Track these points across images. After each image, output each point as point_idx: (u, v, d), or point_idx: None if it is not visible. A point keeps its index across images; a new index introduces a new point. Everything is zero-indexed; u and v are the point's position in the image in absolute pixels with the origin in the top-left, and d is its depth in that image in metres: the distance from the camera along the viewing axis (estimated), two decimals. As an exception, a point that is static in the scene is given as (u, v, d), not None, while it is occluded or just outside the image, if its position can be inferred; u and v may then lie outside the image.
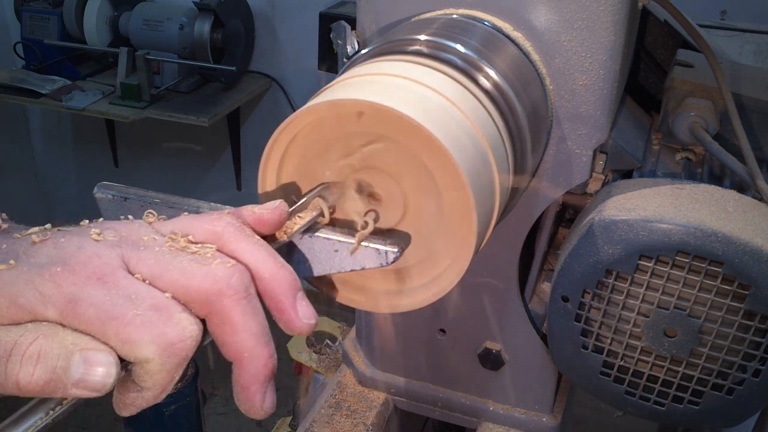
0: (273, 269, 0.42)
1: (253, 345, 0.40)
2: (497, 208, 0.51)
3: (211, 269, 0.39)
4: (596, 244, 0.64)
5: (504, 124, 0.54)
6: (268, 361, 0.41)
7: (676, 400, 0.69)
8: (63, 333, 0.36)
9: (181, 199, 0.49)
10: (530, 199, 0.71)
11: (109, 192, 0.49)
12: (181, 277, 0.39)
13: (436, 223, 0.48)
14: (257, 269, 0.41)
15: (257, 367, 0.40)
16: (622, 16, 0.62)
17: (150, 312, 0.37)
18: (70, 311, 0.36)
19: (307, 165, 0.50)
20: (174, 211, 0.48)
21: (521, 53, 0.62)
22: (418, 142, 0.45)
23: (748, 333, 0.63)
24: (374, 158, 0.48)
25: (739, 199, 0.65)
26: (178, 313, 0.38)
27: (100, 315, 0.36)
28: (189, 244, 0.41)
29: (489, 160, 0.49)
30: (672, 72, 0.80)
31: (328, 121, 0.47)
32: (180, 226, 0.42)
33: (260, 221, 0.44)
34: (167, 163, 3.20)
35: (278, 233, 0.45)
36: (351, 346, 0.95)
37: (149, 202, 0.48)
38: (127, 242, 0.40)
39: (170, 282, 0.39)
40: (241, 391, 0.41)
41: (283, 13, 2.72)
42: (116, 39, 2.63)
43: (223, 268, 0.39)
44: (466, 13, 0.64)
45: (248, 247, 0.42)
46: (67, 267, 0.37)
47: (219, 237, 0.42)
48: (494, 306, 0.80)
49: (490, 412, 0.87)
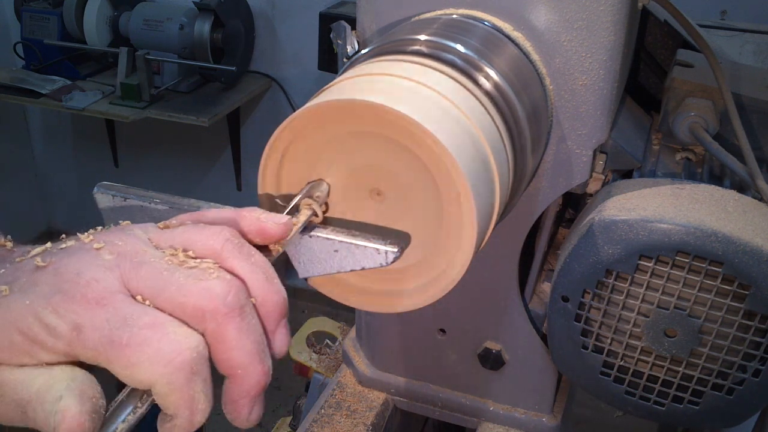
0: (267, 293, 0.42)
1: (247, 363, 0.40)
2: (497, 208, 0.51)
3: (207, 285, 0.39)
4: (596, 244, 0.64)
5: (504, 124, 0.54)
6: (261, 378, 0.41)
7: (676, 400, 0.69)
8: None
9: (181, 199, 0.49)
10: (530, 199, 0.71)
11: (108, 192, 0.49)
12: (177, 294, 0.39)
13: (435, 223, 0.48)
14: (251, 289, 0.41)
15: (249, 383, 0.40)
16: (622, 16, 0.62)
17: (144, 331, 0.37)
18: (76, 340, 0.37)
19: (308, 165, 0.50)
20: (174, 212, 0.48)
21: (521, 53, 0.62)
22: (418, 141, 0.45)
23: (748, 333, 0.63)
24: (374, 158, 0.48)
25: (739, 199, 0.65)
26: (173, 328, 0.38)
27: (102, 340, 0.37)
28: (188, 258, 0.41)
29: (489, 160, 0.49)
30: (672, 72, 0.80)
31: (328, 121, 0.47)
32: (180, 239, 0.42)
33: (262, 233, 0.44)
34: (167, 163, 3.20)
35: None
36: (351, 346, 0.95)
37: (149, 202, 0.48)
38: (125, 260, 0.40)
39: (168, 300, 0.39)
40: (229, 403, 0.41)
41: (283, 13, 2.72)
42: (116, 39, 2.63)
43: (219, 284, 0.39)
44: (466, 13, 0.64)
45: (246, 266, 0.42)
46: (68, 295, 0.38)
47: (218, 254, 0.42)
48: (494, 306, 0.80)
49: (490, 412, 0.87)
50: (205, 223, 0.44)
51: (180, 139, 3.06)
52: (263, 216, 0.44)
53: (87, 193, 0.50)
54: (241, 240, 0.43)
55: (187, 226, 0.44)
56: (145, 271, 0.39)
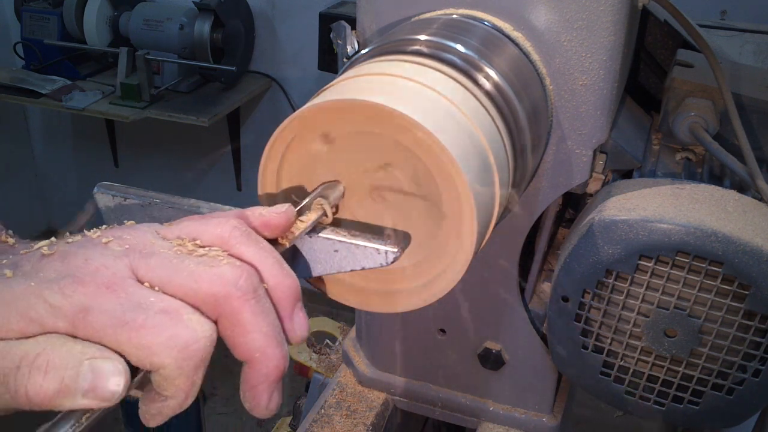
0: (278, 277, 0.42)
1: (265, 345, 0.40)
2: (497, 208, 0.51)
3: (219, 271, 0.39)
4: (596, 244, 0.64)
5: (504, 124, 0.54)
6: (280, 362, 0.41)
7: (676, 400, 0.69)
8: (72, 343, 0.36)
9: (181, 199, 0.49)
10: (530, 199, 0.71)
11: (108, 192, 0.49)
12: (189, 280, 0.39)
13: (435, 223, 0.48)
14: (262, 275, 0.41)
15: (268, 367, 0.40)
16: (622, 16, 0.62)
17: (160, 316, 0.37)
18: (81, 321, 0.36)
19: (308, 165, 0.50)
20: (174, 212, 0.48)
21: (521, 53, 0.62)
22: (418, 142, 0.45)
23: (748, 333, 0.63)
24: (374, 158, 0.48)
25: (739, 199, 0.65)
26: (188, 315, 0.38)
27: (112, 322, 0.36)
28: (196, 247, 0.41)
29: (489, 160, 0.49)
30: (672, 72, 0.80)
31: (329, 121, 0.47)
32: (186, 231, 0.42)
33: (267, 225, 0.44)
34: (167, 163, 3.20)
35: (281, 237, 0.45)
36: (351, 346, 0.95)
37: (149, 202, 0.48)
38: (134, 251, 0.40)
39: (179, 286, 0.39)
40: (248, 389, 0.41)
41: (283, 13, 2.72)
42: (116, 39, 2.63)
43: (230, 270, 0.39)
44: (466, 13, 0.64)
45: (255, 252, 0.41)
46: (76, 279, 0.37)
47: (225, 241, 0.41)
48: (494, 306, 0.80)
49: (490, 412, 0.87)
50: None
51: (180, 139, 3.06)
52: (264, 210, 0.45)
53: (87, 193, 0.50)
54: (248, 228, 0.43)
55: (193, 219, 0.44)
56: (155, 260, 0.39)
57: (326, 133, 0.48)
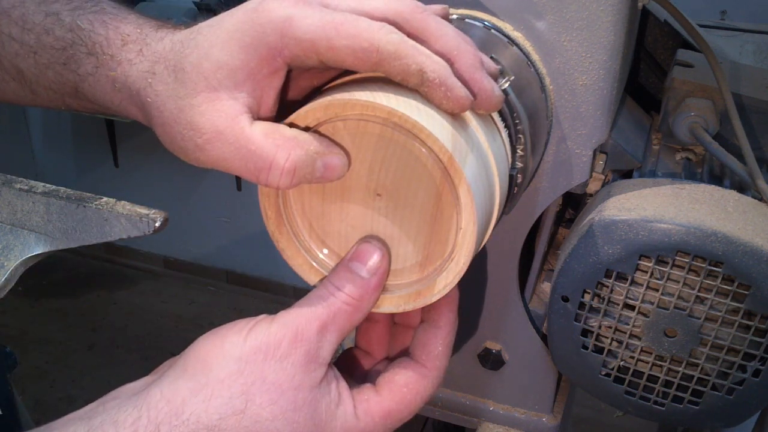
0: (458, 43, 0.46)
1: (459, 41, 0.46)
2: (497, 208, 0.51)
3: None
4: (596, 244, 0.64)
5: (504, 124, 0.54)
6: (476, 52, 0.47)
7: (676, 400, 0.69)
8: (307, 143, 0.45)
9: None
10: (530, 199, 0.71)
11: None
12: (381, 4, 0.46)
13: (434, 223, 0.48)
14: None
15: (472, 55, 0.46)
16: (622, 16, 0.62)
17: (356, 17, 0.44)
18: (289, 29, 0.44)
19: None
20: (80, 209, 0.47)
21: (521, 53, 0.62)
22: (417, 141, 0.45)
23: (748, 333, 0.63)
24: (374, 158, 0.48)
25: (739, 199, 0.65)
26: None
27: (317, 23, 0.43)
28: None
29: (489, 160, 0.49)
30: (672, 72, 0.80)
31: (328, 121, 0.47)
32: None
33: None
34: (167, 163, 3.20)
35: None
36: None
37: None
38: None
39: (375, 8, 0.45)
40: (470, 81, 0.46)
41: (283, 13, 2.71)
42: (116, 39, 2.63)
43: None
44: (465, 13, 0.64)
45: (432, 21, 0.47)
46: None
47: (399, 14, 0.46)
48: (494, 306, 0.80)
49: (490, 412, 0.87)
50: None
51: (180, 139, 3.05)
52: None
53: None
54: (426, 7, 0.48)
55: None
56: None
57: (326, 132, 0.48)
